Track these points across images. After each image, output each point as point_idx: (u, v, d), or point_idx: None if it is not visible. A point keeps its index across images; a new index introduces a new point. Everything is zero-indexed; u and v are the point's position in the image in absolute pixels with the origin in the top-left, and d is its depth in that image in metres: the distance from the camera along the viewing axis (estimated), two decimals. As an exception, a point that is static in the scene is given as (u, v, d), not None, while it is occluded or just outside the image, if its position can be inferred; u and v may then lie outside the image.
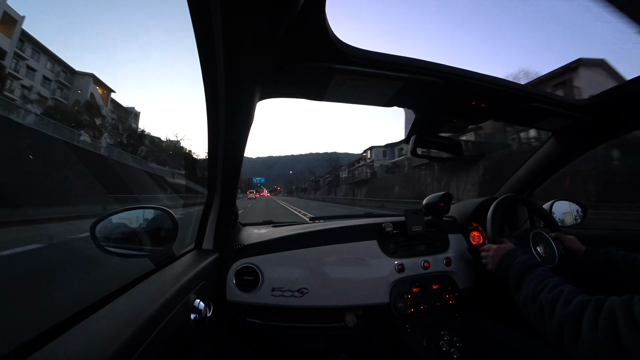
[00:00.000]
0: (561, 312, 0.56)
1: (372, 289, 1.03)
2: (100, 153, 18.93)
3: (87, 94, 28.93)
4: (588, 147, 1.14)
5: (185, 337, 0.65)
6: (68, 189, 10.43)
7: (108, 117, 29.11)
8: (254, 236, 1.17)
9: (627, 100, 0.86)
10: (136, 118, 38.12)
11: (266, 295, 0.97)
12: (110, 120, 29.50)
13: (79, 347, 0.39)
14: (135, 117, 37.49)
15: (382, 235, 1.14)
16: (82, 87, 29.13)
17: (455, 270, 1.14)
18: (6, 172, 9.13)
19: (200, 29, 0.48)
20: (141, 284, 0.64)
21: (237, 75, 0.58)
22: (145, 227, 0.88)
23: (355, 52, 0.61)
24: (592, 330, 0.49)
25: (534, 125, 1.04)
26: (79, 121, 23.43)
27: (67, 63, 28.13)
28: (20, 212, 6.67)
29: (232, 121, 0.71)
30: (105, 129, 27.47)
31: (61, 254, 4.20)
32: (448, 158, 1.08)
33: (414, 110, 0.94)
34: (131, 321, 0.46)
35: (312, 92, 0.75)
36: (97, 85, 30.78)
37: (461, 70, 0.73)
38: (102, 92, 31.76)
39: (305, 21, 0.50)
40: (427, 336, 0.98)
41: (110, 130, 28.34)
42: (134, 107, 37.54)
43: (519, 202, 1.30)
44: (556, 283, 0.64)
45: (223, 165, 0.86)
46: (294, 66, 0.61)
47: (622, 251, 0.86)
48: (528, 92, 0.83)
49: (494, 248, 0.90)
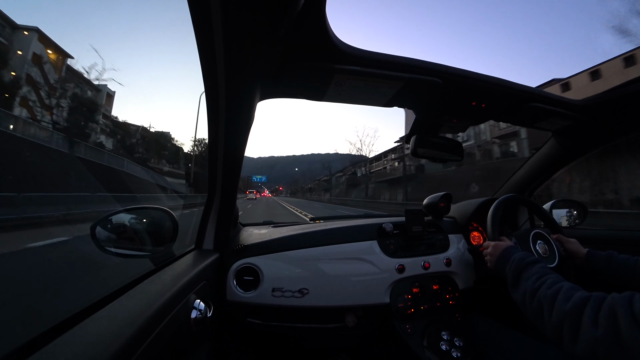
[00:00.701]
0: (561, 309, 0.56)
1: (372, 289, 1.03)
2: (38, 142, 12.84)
3: (28, 54, 19.55)
4: (588, 147, 1.14)
5: (185, 337, 0.65)
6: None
7: (59, 90, 19.36)
8: (254, 236, 1.17)
9: (627, 101, 0.86)
10: (109, 99, 27.86)
11: (266, 295, 0.97)
12: (62, 94, 19.38)
13: (79, 347, 0.39)
14: (108, 97, 27.57)
15: (383, 236, 1.14)
16: (23, 45, 19.67)
17: (456, 271, 1.14)
18: None
19: (201, 29, 0.48)
20: (141, 284, 0.64)
21: (237, 75, 0.58)
22: (146, 227, 0.87)
23: (355, 52, 0.61)
24: (593, 326, 0.49)
25: (534, 126, 1.04)
26: (12, 91, 15.96)
27: (5, 15, 18.58)
28: None
29: (232, 121, 0.71)
30: (51, 104, 18.25)
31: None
32: (448, 158, 1.08)
33: (414, 110, 0.94)
34: (131, 321, 0.46)
35: (312, 92, 0.75)
36: (45, 45, 21.02)
37: (461, 70, 0.73)
38: (54, 57, 22.08)
39: (305, 21, 0.50)
40: (427, 336, 0.98)
41: (58, 107, 18.75)
42: (106, 85, 26.86)
43: (519, 203, 1.30)
44: (555, 279, 0.64)
45: (223, 165, 0.86)
46: (294, 66, 0.61)
47: (623, 255, 0.85)
48: (528, 92, 0.83)
49: (492, 245, 0.90)
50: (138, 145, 27.96)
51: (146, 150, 29.02)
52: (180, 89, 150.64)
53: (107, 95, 27.83)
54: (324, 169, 57.03)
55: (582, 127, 1.01)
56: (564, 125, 1.00)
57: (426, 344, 0.95)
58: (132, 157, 22.70)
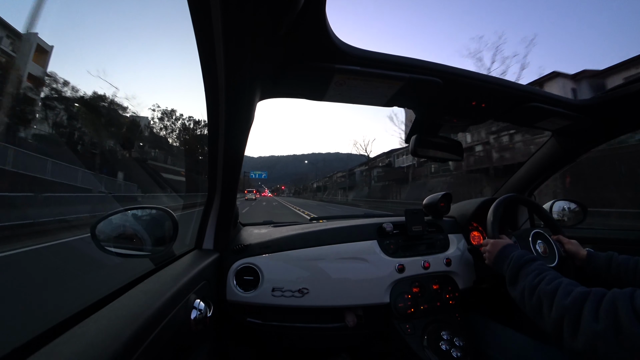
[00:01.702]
0: (561, 304, 0.56)
1: (372, 289, 1.03)
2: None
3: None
4: (588, 147, 1.14)
5: (185, 337, 0.65)
6: None
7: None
8: (254, 236, 1.17)
9: (627, 101, 0.86)
10: (42, 56, 18.63)
11: (266, 295, 0.97)
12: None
13: (79, 347, 0.39)
14: (39, 53, 18.30)
15: (382, 235, 1.14)
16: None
17: (456, 270, 1.14)
18: None
19: (200, 28, 0.48)
20: (141, 283, 0.64)
21: (237, 75, 0.58)
22: (146, 227, 0.87)
23: (356, 52, 0.61)
24: (593, 321, 0.49)
25: (534, 125, 1.04)
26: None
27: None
28: None
29: (232, 121, 0.71)
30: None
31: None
32: (448, 158, 1.08)
33: (414, 110, 0.94)
34: (131, 321, 0.46)
35: (312, 92, 0.75)
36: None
37: (461, 70, 0.73)
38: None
39: (305, 21, 0.50)
40: (427, 336, 0.98)
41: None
42: (36, 34, 17.97)
43: (519, 202, 1.30)
44: (554, 276, 0.64)
45: (223, 165, 0.86)
46: (294, 66, 0.61)
47: (623, 255, 0.85)
48: (528, 92, 0.83)
49: (491, 242, 0.90)
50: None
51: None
52: (180, 88, 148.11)
53: (38, 49, 18.02)
54: (326, 168, 53.66)
55: (581, 126, 1.01)
56: (564, 125, 1.00)
57: (426, 344, 0.95)
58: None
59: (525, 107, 0.86)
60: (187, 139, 35.60)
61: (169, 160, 30.64)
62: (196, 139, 36.10)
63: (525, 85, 0.84)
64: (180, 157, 33.29)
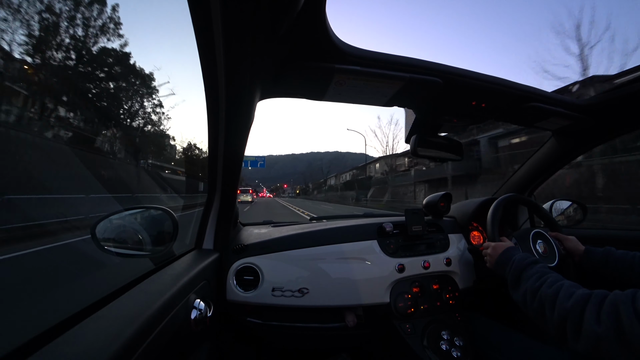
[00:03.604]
0: (562, 306, 0.56)
1: (372, 289, 1.03)
2: None
3: None
4: (588, 147, 1.14)
5: (185, 337, 0.65)
6: None
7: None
8: (254, 236, 1.17)
9: (627, 101, 0.86)
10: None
11: (266, 295, 0.97)
12: None
13: (79, 347, 0.39)
14: None
15: (382, 235, 1.14)
16: None
17: (456, 270, 1.14)
18: None
19: (200, 28, 0.48)
20: (141, 283, 0.64)
21: (237, 75, 0.58)
22: (146, 227, 0.87)
23: (356, 52, 0.61)
24: (595, 323, 0.49)
25: (534, 125, 1.04)
26: None
27: None
28: None
29: (232, 121, 0.71)
30: None
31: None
32: (448, 158, 1.08)
33: (415, 110, 0.94)
34: (131, 321, 0.46)
35: (312, 92, 0.75)
36: None
37: (461, 70, 0.73)
38: None
39: (305, 21, 0.50)
40: (427, 336, 0.98)
41: None
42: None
43: (519, 202, 1.30)
44: (555, 278, 0.64)
45: (223, 165, 0.86)
46: (294, 66, 0.61)
47: (621, 250, 0.86)
48: (528, 92, 0.83)
49: (492, 245, 0.90)
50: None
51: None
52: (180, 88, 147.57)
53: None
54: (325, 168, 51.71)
55: (581, 126, 1.01)
56: (564, 125, 1.00)
57: (426, 344, 0.95)
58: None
59: (525, 107, 0.86)
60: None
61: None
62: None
63: (525, 85, 0.84)
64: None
